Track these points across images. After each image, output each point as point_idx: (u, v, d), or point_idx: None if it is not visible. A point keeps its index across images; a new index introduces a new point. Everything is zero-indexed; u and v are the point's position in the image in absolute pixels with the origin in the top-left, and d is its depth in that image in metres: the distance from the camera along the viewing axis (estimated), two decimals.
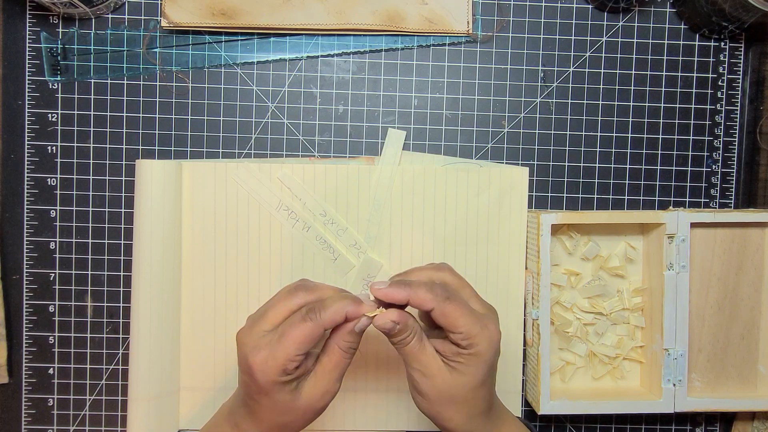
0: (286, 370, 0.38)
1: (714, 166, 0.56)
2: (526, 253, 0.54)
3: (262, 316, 0.40)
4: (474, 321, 0.39)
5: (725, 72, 0.55)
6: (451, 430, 0.42)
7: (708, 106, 0.56)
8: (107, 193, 0.54)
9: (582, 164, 0.55)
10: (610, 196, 0.56)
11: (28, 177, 0.54)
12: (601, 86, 0.55)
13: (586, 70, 0.55)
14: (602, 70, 0.55)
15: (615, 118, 0.55)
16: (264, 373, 0.38)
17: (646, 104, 0.55)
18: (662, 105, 0.56)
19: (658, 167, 0.56)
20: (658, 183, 0.56)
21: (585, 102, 0.55)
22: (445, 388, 0.40)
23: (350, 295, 0.40)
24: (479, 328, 0.39)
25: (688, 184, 0.56)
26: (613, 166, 0.56)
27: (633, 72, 0.55)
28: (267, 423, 0.41)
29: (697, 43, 0.55)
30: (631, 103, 0.55)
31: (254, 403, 0.40)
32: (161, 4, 0.52)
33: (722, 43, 0.55)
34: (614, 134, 0.56)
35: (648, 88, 0.55)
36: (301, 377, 0.40)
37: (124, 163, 0.54)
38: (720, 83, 0.55)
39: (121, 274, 0.54)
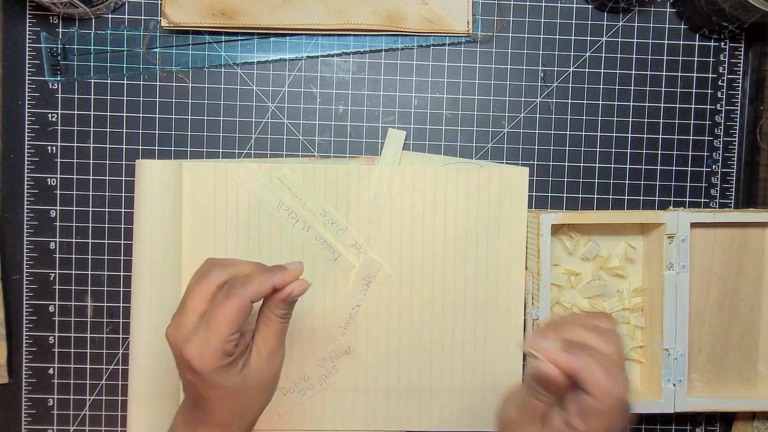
0: (226, 352, 0.37)
1: (714, 166, 0.56)
2: (526, 253, 0.54)
3: (183, 307, 0.39)
4: (607, 378, 0.34)
5: (725, 72, 0.55)
6: None
7: (708, 106, 0.56)
8: (107, 193, 0.54)
9: (582, 164, 0.55)
10: (610, 196, 0.56)
11: (28, 177, 0.54)
12: (601, 86, 0.55)
13: (586, 70, 0.55)
14: (602, 70, 0.55)
15: (615, 118, 0.55)
16: (204, 363, 0.37)
17: (646, 104, 0.55)
18: (662, 105, 0.56)
19: (658, 167, 0.56)
20: (658, 183, 0.56)
21: (585, 102, 0.55)
22: None
23: (271, 267, 0.39)
24: (613, 384, 0.34)
25: (688, 184, 0.56)
26: (613, 166, 0.56)
27: (633, 72, 0.55)
28: (225, 416, 0.39)
29: (697, 43, 0.55)
30: (631, 103, 0.55)
31: (206, 401, 0.38)
32: (161, 4, 0.52)
33: (722, 43, 0.55)
34: (614, 134, 0.56)
35: (648, 88, 0.55)
36: (243, 355, 0.39)
37: (124, 163, 0.54)
38: (720, 83, 0.56)
39: (121, 274, 0.54)
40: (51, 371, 0.54)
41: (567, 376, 0.34)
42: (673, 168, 0.56)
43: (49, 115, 0.53)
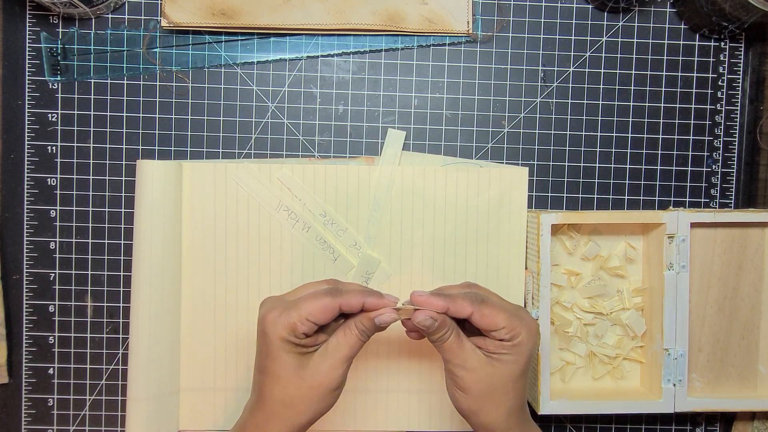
0: (295, 331, 0.40)
1: (714, 166, 0.56)
2: (526, 253, 0.54)
3: (289, 293, 0.44)
4: (512, 315, 0.42)
5: (725, 72, 0.55)
6: (489, 425, 0.43)
7: (708, 106, 0.56)
8: (107, 193, 0.54)
9: (582, 164, 0.55)
10: (610, 196, 0.56)
11: (28, 177, 0.54)
12: (601, 86, 0.55)
13: (586, 70, 0.55)
14: (602, 70, 0.55)
15: (615, 118, 0.55)
16: (274, 327, 0.40)
17: (646, 104, 0.55)
18: (662, 105, 0.56)
19: (658, 167, 0.56)
20: (658, 183, 0.56)
21: (585, 102, 0.55)
22: (488, 379, 0.42)
23: (372, 290, 0.42)
24: (518, 321, 0.42)
25: (688, 184, 0.56)
26: (613, 166, 0.56)
27: (633, 72, 0.55)
28: (273, 401, 0.41)
29: (697, 43, 0.55)
30: (631, 103, 0.55)
31: (262, 375, 0.42)
32: (161, 4, 0.52)
33: (722, 43, 0.55)
34: (614, 134, 0.56)
35: (648, 88, 0.55)
36: (310, 348, 0.42)
37: (124, 163, 0.54)
38: (720, 83, 0.55)
39: (121, 274, 0.54)
40: (51, 371, 0.54)
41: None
42: (673, 168, 0.56)
43: (49, 115, 0.53)
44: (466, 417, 0.44)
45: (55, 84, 0.53)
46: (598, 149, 0.56)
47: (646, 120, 0.56)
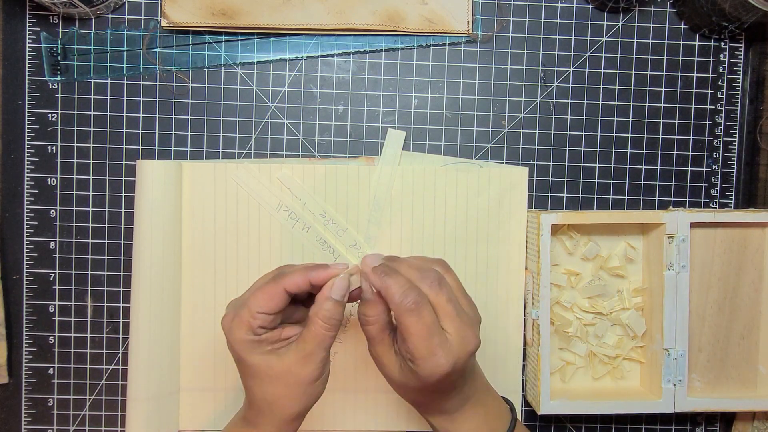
0: (251, 327, 0.39)
1: (714, 166, 0.56)
2: (526, 253, 0.54)
3: (243, 295, 0.42)
4: (426, 344, 0.38)
5: (725, 72, 0.55)
6: (412, 403, 0.44)
7: (708, 106, 0.56)
8: (107, 193, 0.54)
9: (582, 164, 0.55)
10: (610, 196, 0.56)
11: (28, 177, 0.54)
12: (601, 86, 0.55)
13: (586, 70, 0.55)
14: (602, 70, 0.55)
15: (615, 118, 0.55)
16: (231, 331, 0.40)
17: (646, 104, 0.55)
18: (662, 105, 0.56)
19: (658, 167, 0.56)
20: (658, 183, 0.56)
21: (585, 102, 0.55)
22: (394, 377, 0.42)
23: (318, 264, 0.41)
24: (427, 353, 0.38)
25: (688, 184, 0.56)
26: (613, 166, 0.56)
27: (633, 72, 0.55)
28: (256, 400, 0.41)
29: (697, 43, 0.55)
30: (631, 103, 0.55)
31: (242, 377, 0.42)
32: (161, 4, 0.52)
33: (722, 43, 0.55)
34: (614, 134, 0.56)
35: (648, 88, 0.55)
36: (279, 345, 0.41)
37: (124, 163, 0.54)
38: (720, 83, 0.55)
39: (121, 274, 0.54)
40: (51, 371, 0.54)
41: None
42: (673, 168, 0.56)
43: (49, 115, 0.53)
44: None
45: (55, 84, 0.53)
46: (598, 149, 0.56)
47: (646, 120, 0.56)
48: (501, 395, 0.46)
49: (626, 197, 0.56)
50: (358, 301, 0.41)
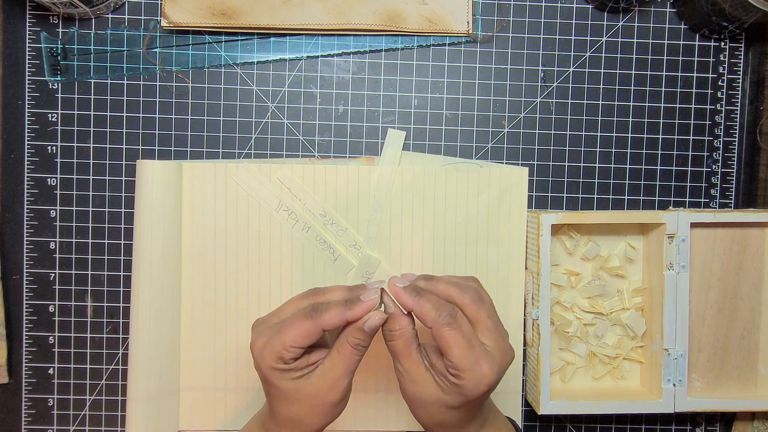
0: (282, 358, 0.39)
1: (714, 166, 0.56)
2: (526, 253, 0.54)
3: (275, 311, 0.42)
4: (468, 355, 0.38)
5: (725, 72, 0.55)
6: (424, 425, 0.43)
7: (708, 106, 0.56)
8: (107, 193, 0.54)
9: (582, 164, 0.55)
10: (610, 196, 0.56)
11: (28, 177, 0.54)
12: (601, 86, 0.55)
13: (586, 70, 0.55)
14: (602, 70, 0.55)
15: (615, 118, 0.55)
16: (262, 358, 0.40)
17: (646, 104, 0.55)
18: (662, 105, 0.56)
19: (658, 167, 0.56)
20: (658, 183, 0.56)
21: (585, 102, 0.55)
22: (423, 397, 0.40)
23: (351, 299, 0.40)
24: (471, 365, 0.38)
25: (688, 184, 0.56)
26: (613, 166, 0.56)
27: (633, 72, 0.55)
28: (281, 416, 0.41)
29: (697, 43, 0.55)
30: (631, 103, 0.55)
31: (266, 394, 0.42)
32: (161, 4, 0.52)
33: (722, 43, 0.55)
34: (614, 134, 0.56)
35: (648, 88, 0.55)
36: (305, 370, 0.41)
37: (124, 163, 0.54)
38: (720, 83, 0.55)
39: (121, 274, 0.54)
40: (51, 371, 0.54)
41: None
42: (673, 168, 0.56)
43: (49, 115, 0.53)
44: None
45: (55, 84, 0.53)
46: (598, 149, 0.56)
47: (646, 120, 0.56)
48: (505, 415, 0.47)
49: (626, 197, 0.56)
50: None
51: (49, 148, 0.54)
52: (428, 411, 0.41)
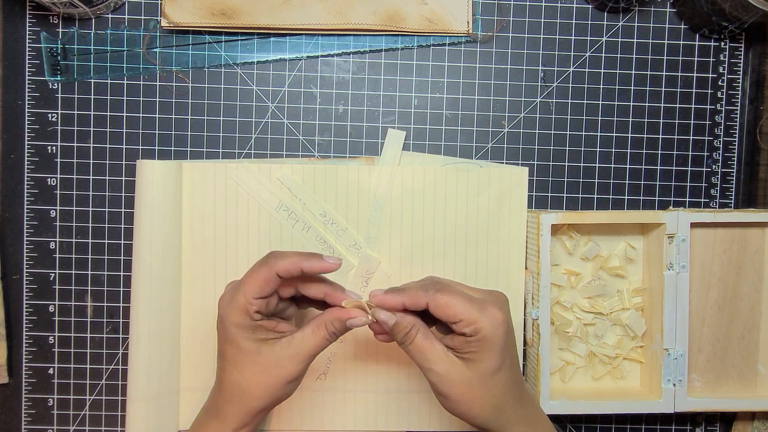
0: (248, 312, 0.40)
1: (714, 166, 0.56)
2: (526, 253, 0.54)
3: (241, 278, 0.43)
4: (470, 306, 0.39)
5: (725, 72, 0.55)
6: (483, 425, 0.42)
7: (708, 106, 0.56)
8: (107, 193, 0.54)
9: (582, 164, 0.55)
10: (610, 196, 0.56)
11: (28, 177, 0.54)
12: (601, 86, 0.55)
13: (586, 70, 0.55)
14: (602, 70, 0.55)
15: (615, 118, 0.55)
16: (226, 313, 0.41)
17: (646, 104, 0.55)
18: (662, 105, 0.56)
19: (658, 167, 0.56)
20: (658, 183, 0.56)
21: (585, 102, 0.55)
22: (463, 382, 0.40)
23: (312, 253, 0.42)
24: (477, 312, 0.39)
25: (688, 184, 0.56)
26: (613, 166, 0.56)
27: (633, 72, 0.55)
28: (229, 386, 0.42)
29: (697, 43, 0.55)
30: (631, 103, 0.55)
31: (221, 360, 0.43)
32: (161, 4, 0.52)
33: (722, 43, 0.55)
34: (614, 134, 0.56)
35: (648, 88, 0.55)
36: (270, 336, 0.42)
37: (124, 163, 0.54)
38: (720, 83, 0.55)
39: (121, 274, 0.54)
40: (51, 371, 0.54)
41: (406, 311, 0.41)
42: (673, 168, 0.56)
43: (49, 115, 0.53)
44: (461, 419, 0.42)
45: (55, 84, 0.53)
46: (598, 149, 0.56)
47: (646, 120, 0.56)
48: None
49: (626, 197, 0.56)
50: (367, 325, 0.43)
51: (49, 148, 0.54)
52: (480, 400, 0.40)
